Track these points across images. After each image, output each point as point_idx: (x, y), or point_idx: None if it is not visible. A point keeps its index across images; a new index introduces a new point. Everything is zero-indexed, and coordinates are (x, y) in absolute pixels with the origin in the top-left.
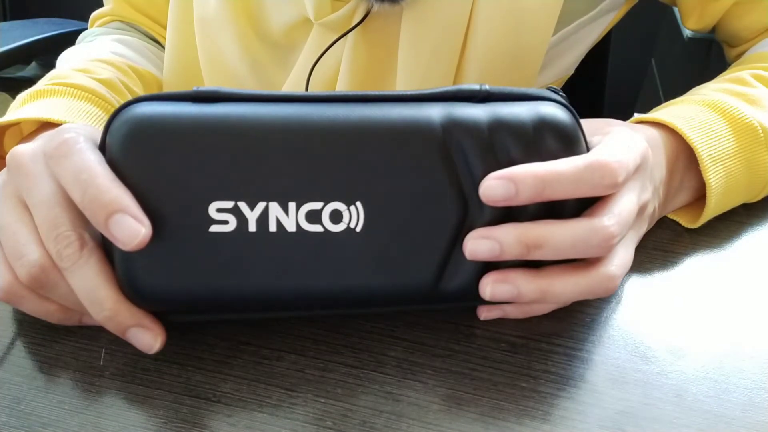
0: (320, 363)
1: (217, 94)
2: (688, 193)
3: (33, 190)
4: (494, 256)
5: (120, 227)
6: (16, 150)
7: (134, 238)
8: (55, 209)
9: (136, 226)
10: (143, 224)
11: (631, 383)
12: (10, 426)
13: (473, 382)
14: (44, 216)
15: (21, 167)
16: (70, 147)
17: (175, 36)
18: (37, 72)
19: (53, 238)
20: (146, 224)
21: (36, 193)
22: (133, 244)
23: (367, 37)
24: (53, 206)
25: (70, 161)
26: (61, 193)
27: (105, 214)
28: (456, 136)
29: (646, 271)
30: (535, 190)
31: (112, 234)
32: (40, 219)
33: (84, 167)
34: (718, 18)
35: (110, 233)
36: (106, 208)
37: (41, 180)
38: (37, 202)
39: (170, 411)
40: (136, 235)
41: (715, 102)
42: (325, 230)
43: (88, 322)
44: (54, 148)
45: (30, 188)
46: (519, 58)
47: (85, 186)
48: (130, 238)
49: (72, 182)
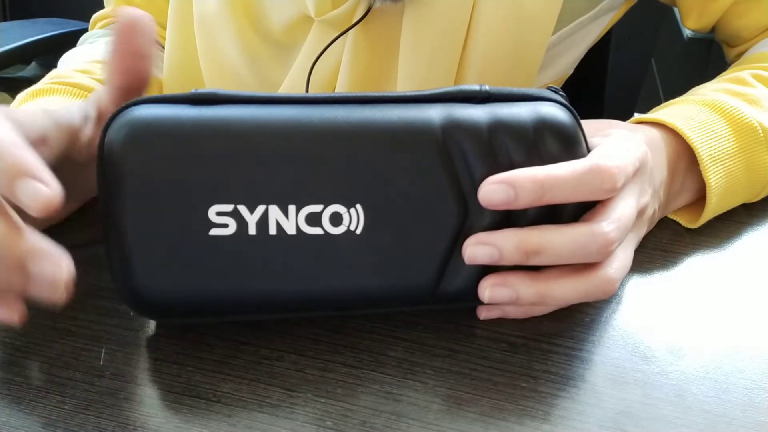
0: (320, 363)
1: (215, 96)
2: (689, 193)
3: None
4: (493, 262)
5: (24, 192)
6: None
7: (40, 201)
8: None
9: (41, 189)
10: (50, 186)
11: (631, 383)
12: (10, 426)
13: (473, 382)
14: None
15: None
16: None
17: (174, 35)
18: (37, 72)
19: None
20: (54, 186)
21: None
22: (39, 209)
23: (368, 34)
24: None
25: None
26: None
27: (8, 180)
28: (456, 138)
29: (646, 271)
30: (534, 195)
31: (19, 200)
32: None
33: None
34: (717, 17)
35: (17, 199)
36: (8, 173)
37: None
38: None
39: (170, 411)
40: (42, 198)
41: (715, 102)
42: (325, 233)
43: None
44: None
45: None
46: (519, 56)
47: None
48: (35, 202)
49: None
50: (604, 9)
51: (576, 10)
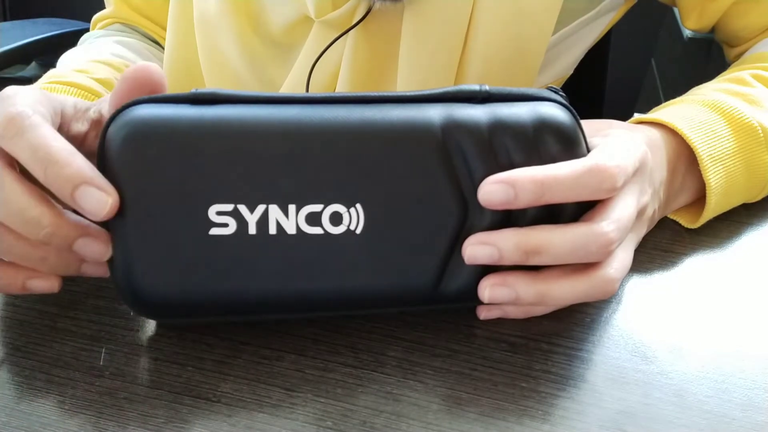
0: (320, 363)
1: (215, 95)
2: (689, 193)
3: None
4: (493, 262)
5: (86, 199)
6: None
7: (102, 208)
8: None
9: (101, 196)
10: (109, 193)
11: (631, 383)
12: (10, 426)
13: (473, 382)
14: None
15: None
16: (19, 124)
17: (174, 35)
18: (37, 72)
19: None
20: (112, 192)
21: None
22: (102, 214)
23: (368, 35)
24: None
25: (23, 139)
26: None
27: (70, 188)
28: (456, 138)
29: (646, 271)
30: (534, 195)
31: (80, 206)
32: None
33: (39, 144)
34: (717, 18)
35: (78, 206)
36: (70, 181)
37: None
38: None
39: (170, 411)
40: (104, 205)
41: (715, 102)
42: (325, 232)
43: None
44: (3, 128)
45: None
46: (519, 57)
47: (44, 163)
48: (98, 208)
49: (31, 161)
50: (604, 9)
51: (576, 11)
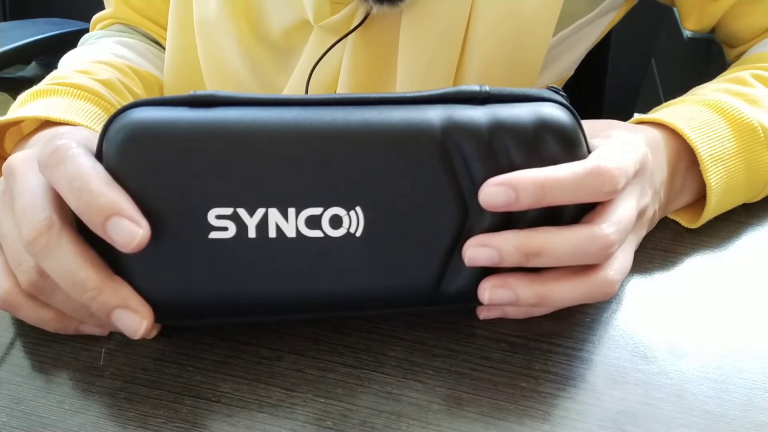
0: (320, 363)
1: (213, 98)
2: (689, 194)
3: (17, 187)
4: (493, 264)
5: (117, 230)
6: (11, 158)
7: (132, 240)
8: (32, 199)
9: (132, 228)
10: (140, 225)
11: (631, 383)
12: (10, 426)
13: (473, 382)
14: (20, 206)
15: (14, 174)
16: (62, 154)
17: (175, 38)
18: (37, 72)
19: (24, 225)
20: (143, 225)
21: (19, 189)
22: (131, 246)
23: (367, 39)
24: (30, 196)
25: (62, 168)
26: (43, 186)
27: (101, 218)
28: (455, 139)
29: (646, 271)
30: (535, 197)
31: (111, 237)
32: (18, 210)
33: (77, 173)
34: (717, 19)
35: (108, 237)
36: (102, 211)
37: (26, 178)
38: (17, 195)
39: (170, 411)
40: (134, 237)
41: (715, 102)
42: (325, 235)
43: (85, 331)
44: (47, 156)
45: (15, 189)
46: (519, 59)
47: (79, 192)
48: (127, 240)
49: (67, 189)
50: (604, 10)
51: (576, 12)
